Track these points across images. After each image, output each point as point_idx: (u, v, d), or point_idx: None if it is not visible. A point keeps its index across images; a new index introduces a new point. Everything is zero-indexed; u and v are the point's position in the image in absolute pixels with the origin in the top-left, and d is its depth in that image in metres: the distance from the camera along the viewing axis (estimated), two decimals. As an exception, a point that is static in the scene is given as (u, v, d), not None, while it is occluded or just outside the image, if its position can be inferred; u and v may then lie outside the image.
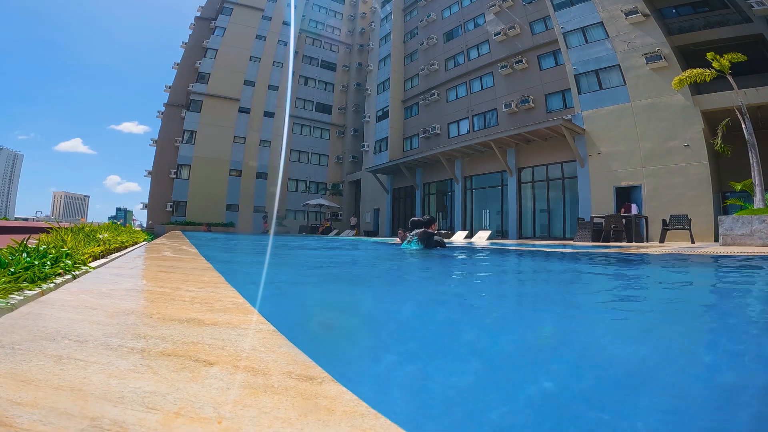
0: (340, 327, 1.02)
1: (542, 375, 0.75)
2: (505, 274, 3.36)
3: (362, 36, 32.33)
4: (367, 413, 0.38)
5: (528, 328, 1.24)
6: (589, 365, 0.84)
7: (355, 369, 0.71)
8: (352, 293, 1.81)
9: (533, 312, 1.56)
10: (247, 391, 0.41)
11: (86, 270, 1.42)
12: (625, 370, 0.81)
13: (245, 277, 2.22)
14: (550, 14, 16.26)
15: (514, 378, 0.74)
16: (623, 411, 0.62)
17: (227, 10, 27.27)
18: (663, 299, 2.04)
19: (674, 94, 12.10)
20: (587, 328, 1.25)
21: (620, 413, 0.61)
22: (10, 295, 0.86)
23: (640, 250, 6.19)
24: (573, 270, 3.61)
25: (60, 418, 0.34)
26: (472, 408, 0.58)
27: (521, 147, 16.34)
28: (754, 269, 3.51)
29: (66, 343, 0.55)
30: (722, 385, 0.76)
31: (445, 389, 0.65)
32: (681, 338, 1.13)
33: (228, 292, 1.08)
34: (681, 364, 0.88)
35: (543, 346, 0.99)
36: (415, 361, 0.81)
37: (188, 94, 25.42)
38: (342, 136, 30.91)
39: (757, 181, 8.20)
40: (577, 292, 2.29)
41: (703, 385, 0.76)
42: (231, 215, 25.01)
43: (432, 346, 0.98)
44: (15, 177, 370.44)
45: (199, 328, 0.66)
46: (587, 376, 0.77)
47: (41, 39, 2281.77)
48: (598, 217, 11.95)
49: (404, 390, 0.63)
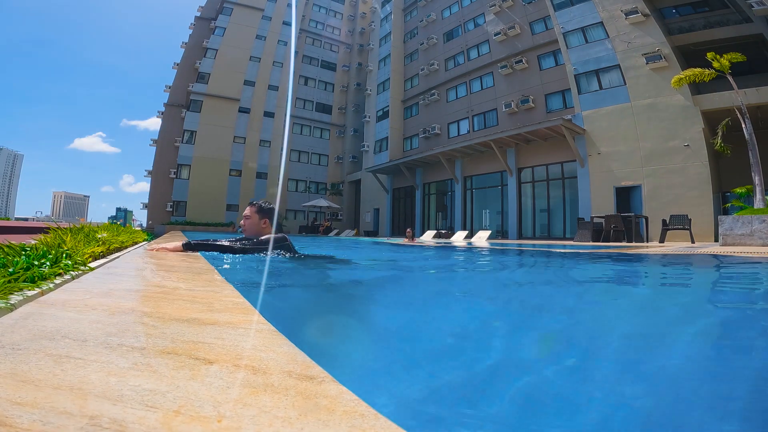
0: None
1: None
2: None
3: (362, 36, 32.34)
4: (368, 413, 0.38)
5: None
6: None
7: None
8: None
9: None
10: (247, 390, 0.41)
11: (86, 270, 1.42)
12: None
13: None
14: (550, 14, 16.27)
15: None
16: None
17: (227, 10, 27.28)
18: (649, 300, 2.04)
19: (674, 94, 12.10)
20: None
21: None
22: (10, 295, 0.86)
23: (640, 251, 6.20)
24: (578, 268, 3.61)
25: (60, 417, 0.34)
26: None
27: (521, 147, 16.35)
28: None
29: (66, 343, 0.55)
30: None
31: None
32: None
33: (228, 291, 1.08)
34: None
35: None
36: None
37: (188, 94, 25.42)
38: (342, 136, 30.92)
39: (757, 181, 8.21)
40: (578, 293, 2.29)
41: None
42: (231, 215, 25.01)
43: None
44: (15, 177, 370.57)
45: (199, 328, 0.66)
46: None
47: (47, 39, 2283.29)
48: (598, 217, 11.96)
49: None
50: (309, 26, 31.48)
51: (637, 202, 12.83)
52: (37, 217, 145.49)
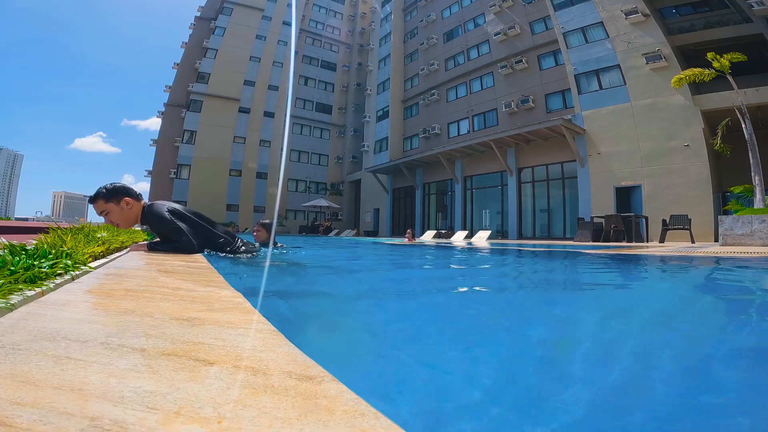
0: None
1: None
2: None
3: (362, 36, 32.35)
4: (368, 412, 0.38)
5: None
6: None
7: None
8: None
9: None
10: (247, 391, 0.41)
11: (86, 270, 1.42)
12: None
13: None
14: (550, 14, 16.28)
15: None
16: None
17: (227, 10, 27.30)
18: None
19: (674, 94, 12.11)
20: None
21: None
22: (10, 296, 0.86)
23: (641, 251, 6.20)
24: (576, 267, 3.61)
25: (60, 417, 0.34)
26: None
27: (521, 147, 16.35)
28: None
29: (66, 343, 0.55)
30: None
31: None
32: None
33: (228, 292, 1.09)
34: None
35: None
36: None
37: (188, 94, 25.43)
38: (342, 136, 30.92)
39: (757, 181, 8.21)
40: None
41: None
42: (231, 215, 25.01)
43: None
44: (15, 177, 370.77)
45: (199, 328, 0.66)
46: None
47: (51, 39, 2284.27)
48: (598, 217, 11.96)
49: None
50: (309, 26, 31.50)
51: (637, 202, 12.83)
52: (37, 217, 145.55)
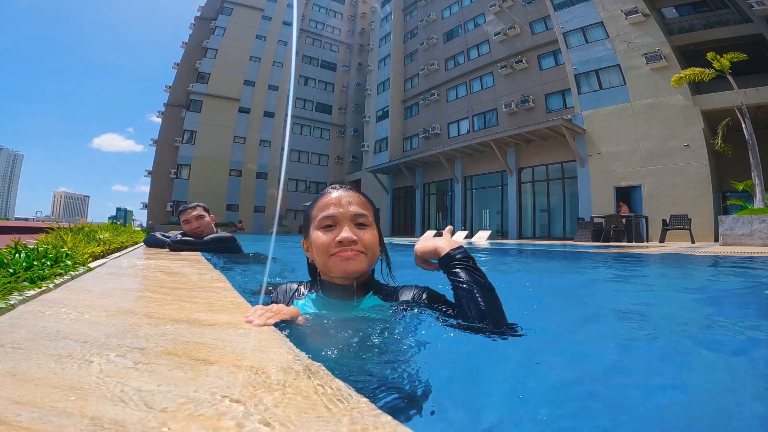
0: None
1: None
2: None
3: (362, 36, 32.35)
4: (368, 410, 0.38)
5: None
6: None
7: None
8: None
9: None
10: (248, 391, 0.41)
11: (86, 270, 1.42)
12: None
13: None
14: (550, 14, 16.28)
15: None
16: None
17: (227, 10, 27.30)
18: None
19: (674, 94, 12.11)
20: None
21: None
22: (10, 295, 0.86)
23: (641, 251, 6.20)
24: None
25: (60, 417, 0.34)
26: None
27: (521, 147, 16.35)
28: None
29: (66, 343, 0.55)
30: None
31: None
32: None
33: (228, 292, 1.09)
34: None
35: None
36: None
37: (188, 94, 25.43)
38: (342, 136, 30.93)
39: (757, 181, 8.21)
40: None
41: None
42: (231, 215, 25.02)
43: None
44: (15, 177, 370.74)
45: (199, 328, 0.66)
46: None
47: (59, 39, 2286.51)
48: (598, 217, 11.95)
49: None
50: (309, 26, 31.50)
51: (637, 202, 12.84)
52: (37, 217, 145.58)
